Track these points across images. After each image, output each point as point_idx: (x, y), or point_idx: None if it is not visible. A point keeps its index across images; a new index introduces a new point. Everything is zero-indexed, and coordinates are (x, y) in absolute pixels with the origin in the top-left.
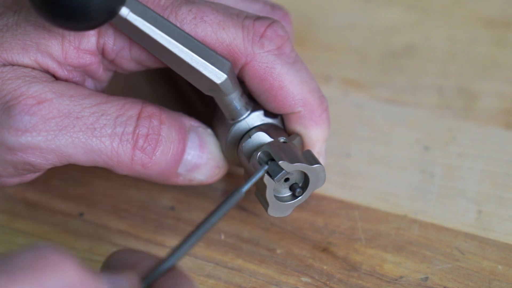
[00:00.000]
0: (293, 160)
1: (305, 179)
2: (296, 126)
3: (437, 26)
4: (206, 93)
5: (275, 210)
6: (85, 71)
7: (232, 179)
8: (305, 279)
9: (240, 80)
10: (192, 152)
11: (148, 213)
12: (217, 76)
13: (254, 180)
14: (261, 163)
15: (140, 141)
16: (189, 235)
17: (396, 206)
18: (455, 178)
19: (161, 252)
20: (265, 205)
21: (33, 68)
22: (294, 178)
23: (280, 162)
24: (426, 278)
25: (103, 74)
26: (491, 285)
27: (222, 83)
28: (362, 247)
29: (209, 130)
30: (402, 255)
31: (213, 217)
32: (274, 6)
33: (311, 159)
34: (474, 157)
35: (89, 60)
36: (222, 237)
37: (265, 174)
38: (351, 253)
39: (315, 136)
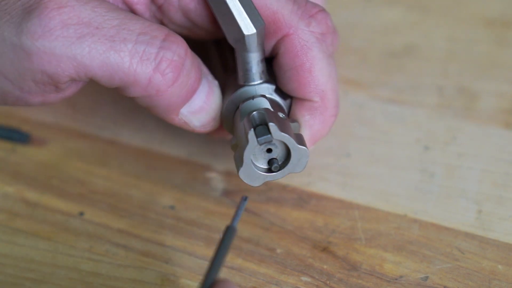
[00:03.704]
0: (284, 131)
1: (286, 159)
2: (304, 114)
3: (437, 26)
4: (231, 42)
5: (246, 174)
6: (132, 11)
7: (232, 179)
8: (305, 278)
9: (274, 53)
10: (200, 95)
11: (148, 213)
12: (247, 27)
13: (241, 212)
14: (253, 122)
15: (163, 65)
16: (204, 278)
17: (396, 206)
18: (455, 178)
19: (161, 252)
20: (239, 164)
21: None
22: (276, 153)
23: (270, 124)
24: (426, 278)
25: (149, 19)
26: (491, 284)
27: (249, 35)
28: (362, 246)
29: (216, 82)
30: (402, 255)
31: (215, 260)
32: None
33: (301, 141)
34: (474, 157)
35: None
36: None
37: (251, 132)
38: (351, 252)
39: (316, 132)
